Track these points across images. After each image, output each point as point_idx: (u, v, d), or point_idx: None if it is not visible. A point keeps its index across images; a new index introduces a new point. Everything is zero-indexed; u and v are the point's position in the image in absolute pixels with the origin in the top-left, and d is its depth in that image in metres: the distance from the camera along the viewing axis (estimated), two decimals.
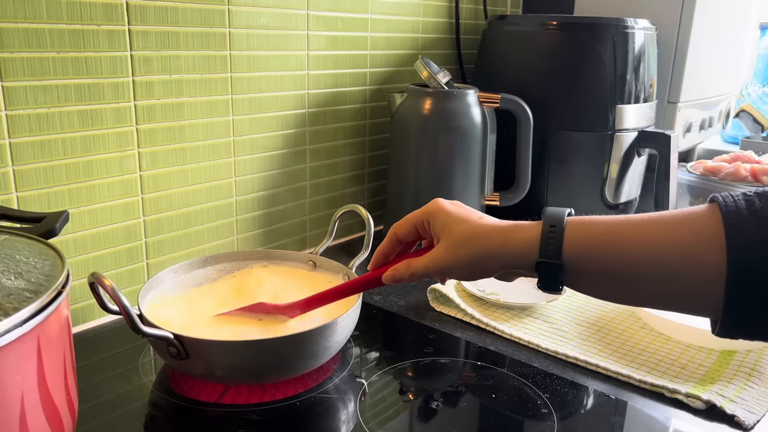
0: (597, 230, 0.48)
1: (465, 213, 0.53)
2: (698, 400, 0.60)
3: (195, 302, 0.68)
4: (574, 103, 1.03)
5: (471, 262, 0.51)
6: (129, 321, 0.53)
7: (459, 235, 0.52)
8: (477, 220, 0.52)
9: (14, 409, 0.37)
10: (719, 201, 0.44)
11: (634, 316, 0.78)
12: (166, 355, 0.58)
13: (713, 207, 0.44)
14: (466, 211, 0.54)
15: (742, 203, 0.43)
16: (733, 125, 1.61)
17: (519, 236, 0.50)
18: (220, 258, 0.76)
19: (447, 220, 0.53)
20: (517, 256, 0.49)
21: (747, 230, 0.42)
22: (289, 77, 0.91)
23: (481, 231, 0.51)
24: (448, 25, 1.19)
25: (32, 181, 0.68)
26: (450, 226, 0.52)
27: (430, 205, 0.55)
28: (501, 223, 0.52)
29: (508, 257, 0.50)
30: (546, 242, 0.48)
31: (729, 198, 0.44)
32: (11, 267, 0.42)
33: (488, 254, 0.50)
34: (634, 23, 1.02)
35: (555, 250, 0.47)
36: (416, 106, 0.95)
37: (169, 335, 0.56)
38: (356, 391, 0.62)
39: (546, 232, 0.48)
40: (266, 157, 0.91)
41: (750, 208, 0.42)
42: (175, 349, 0.56)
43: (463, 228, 0.52)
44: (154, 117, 0.77)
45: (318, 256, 0.76)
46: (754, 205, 0.43)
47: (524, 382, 0.64)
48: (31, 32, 0.64)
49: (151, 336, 0.55)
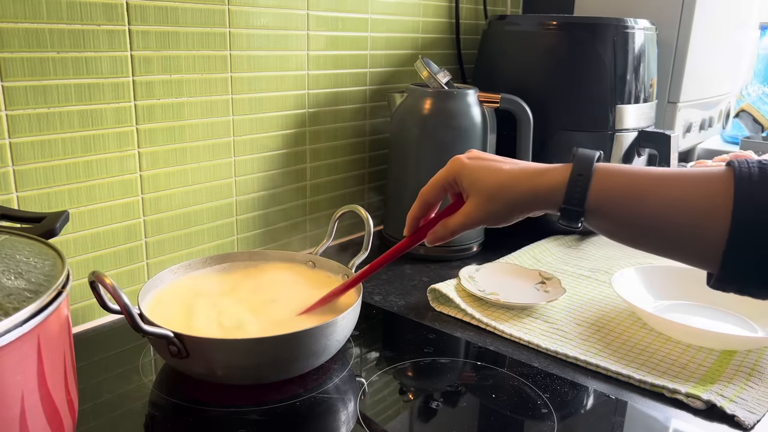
0: (620, 182, 0.51)
1: (487, 164, 0.56)
2: (698, 400, 0.60)
3: (195, 302, 0.68)
4: (574, 103, 1.03)
5: (504, 212, 0.55)
6: (129, 319, 0.53)
7: (487, 190, 0.55)
8: (501, 170, 0.55)
9: (14, 409, 0.37)
10: (734, 165, 0.47)
11: (634, 316, 0.78)
12: (166, 354, 0.58)
13: (729, 171, 0.47)
14: (487, 162, 0.56)
15: (755, 170, 0.46)
16: (733, 125, 1.61)
17: (546, 181, 0.53)
18: (220, 258, 0.76)
19: (473, 177, 0.56)
20: (544, 201, 0.53)
21: (754, 194, 0.45)
22: (289, 77, 0.91)
23: (508, 181, 0.54)
24: (448, 25, 1.19)
25: (32, 181, 0.68)
26: (477, 183, 0.55)
27: (452, 163, 0.58)
28: (525, 167, 0.55)
29: (538, 202, 0.53)
30: (572, 190, 0.51)
31: (744, 164, 0.46)
32: (11, 267, 0.42)
33: (518, 203, 0.54)
34: (634, 23, 1.02)
35: (579, 198, 0.51)
36: (416, 106, 0.95)
37: (170, 333, 0.56)
38: (356, 391, 0.62)
39: (573, 180, 0.51)
40: (266, 157, 0.91)
41: (762, 175, 0.45)
42: (176, 348, 0.56)
43: (490, 182, 0.55)
44: (154, 117, 0.77)
45: (317, 256, 0.76)
46: (766, 170, 0.45)
47: (524, 382, 0.64)
48: (31, 32, 0.64)
49: (152, 334, 0.55)
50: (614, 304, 0.82)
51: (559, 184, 0.52)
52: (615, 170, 0.51)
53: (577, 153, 0.52)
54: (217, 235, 0.88)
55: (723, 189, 0.46)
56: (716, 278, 0.47)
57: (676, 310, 0.79)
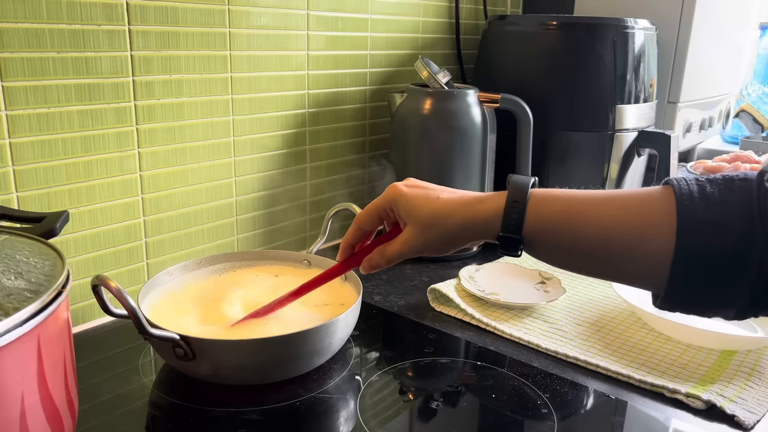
0: (556, 208, 0.50)
1: (425, 193, 0.55)
2: (698, 400, 0.60)
3: (194, 302, 0.68)
4: (574, 103, 1.03)
5: (440, 241, 0.54)
6: (137, 323, 0.52)
7: (424, 219, 0.54)
8: (438, 200, 0.54)
9: (14, 409, 0.37)
10: (673, 184, 0.46)
11: (634, 316, 0.78)
12: (171, 357, 0.58)
13: (667, 189, 0.47)
14: (425, 190, 0.56)
15: (694, 187, 0.46)
16: (733, 125, 1.61)
17: (482, 209, 0.52)
18: (216, 259, 0.76)
19: (409, 206, 0.55)
20: (481, 230, 0.53)
21: (697, 211, 0.44)
22: (289, 77, 0.91)
23: (445, 211, 0.54)
24: (448, 25, 1.19)
25: (32, 181, 0.68)
26: (414, 212, 0.55)
27: (389, 192, 0.57)
28: (462, 197, 0.54)
29: (474, 232, 0.53)
30: (508, 217, 0.50)
31: (683, 182, 0.46)
32: (11, 267, 0.42)
33: (455, 233, 0.53)
34: (634, 23, 1.02)
35: (516, 225, 0.50)
36: (416, 106, 0.95)
37: (176, 336, 0.55)
38: (356, 391, 0.62)
39: (509, 207, 0.51)
40: (266, 157, 0.91)
41: (701, 192, 0.45)
42: (182, 351, 0.56)
43: (427, 211, 0.54)
44: (154, 117, 0.77)
45: (312, 254, 0.77)
46: (705, 189, 0.45)
47: (524, 382, 0.64)
48: (31, 32, 0.64)
49: (158, 338, 0.55)
50: (614, 304, 0.82)
51: (495, 212, 0.51)
52: (551, 195, 0.51)
53: (512, 179, 0.52)
54: (217, 235, 0.88)
55: (664, 207, 0.46)
56: (663, 297, 0.47)
57: None
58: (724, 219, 0.44)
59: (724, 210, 0.44)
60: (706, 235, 0.44)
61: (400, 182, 0.57)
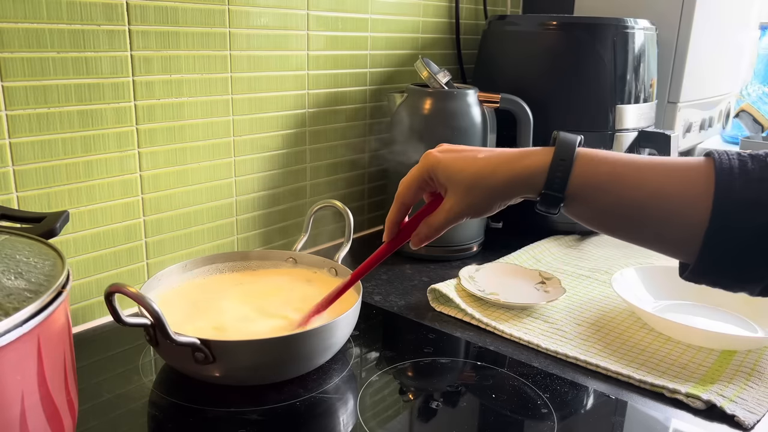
0: (603, 169, 0.50)
1: (462, 156, 0.54)
2: (698, 400, 0.60)
3: (194, 303, 0.68)
4: (574, 103, 1.03)
5: (484, 202, 0.53)
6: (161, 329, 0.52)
7: (466, 181, 0.53)
8: (476, 158, 0.53)
9: (14, 409, 0.37)
10: (715, 157, 0.46)
11: (634, 316, 0.78)
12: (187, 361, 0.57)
13: (709, 161, 0.47)
14: (461, 153, 0.55)
15: (735, 162, 0.46)
16: (733, 125, 1.61)
17: (526, 165, 0.51)
18: (205, 260, 0.76)
19: (449, 171, 0.54)
20: (524, 185, 0.51)
21: (735, 187, 0.44)
22: (289, 77, 0.91)
23: (485, 170, 0.52)
24: (448, 25, 1.19)
25: (32, 181, 0.68)
26: (454, 176, 0.53)
27: (425, 160, 0.55)
28: (503, 153, 0.53)
29: (518, 188, 0.52)
30: (553, 175, 0.50)
31: (725, 155, 0.46)
32: (11, 267, 0.42)
33: (498, 190, 0.52)
34: (634, 23, 1.02)
35: (560, 184, 0.49)
36: (416, 106, 0.95)
37: (196, 341, 0.55)
38: (356, 391, 0.62)
39: (555, 164, 0.50)
40: (266, 157, 0.91)
41: (742, 168, 0.45)
42: (202, 354, 0.55)
43: (467, 173, 0.53)
44: (154, 117, 0.77)
45: (297, 252, 0.78)
46: (746, 165, 0.45)
47: (524, 382, 0.64)
48: (31, 32, 0.64)
49: (181, 343, 0.54)
50: (614, 304, 0.82)
51: (540, 168, 0.50)
52: (597, 156, 0.50)
53: (559, 137, 0.51)
54: (216, 235, 0.88)
55: (703, 179, 0.46)
56: (692, 269, 0.47)
57: (676, 310, 0.79)
58: (761, 197, 0.44)
59: (762, 188, 0.44)
60: (741, 213, 0.44)
61: (433, 149, 0.56)
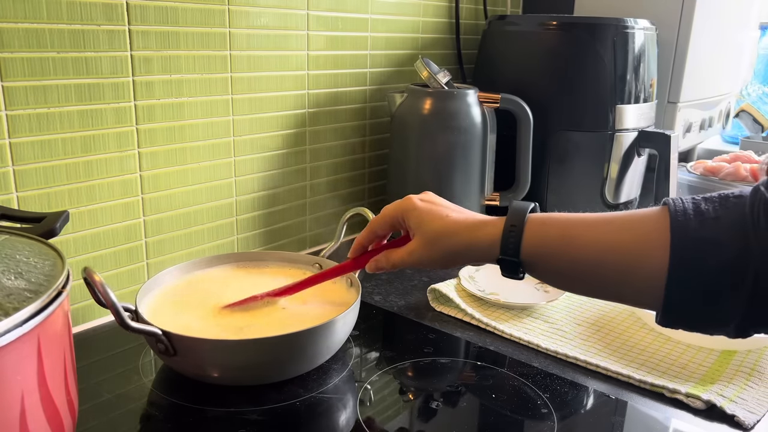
0: (553, 232, 0.52)
1: (435, 210, 0.58)
2: (698, 400, 0.60)
3: (196, 303, 0.68)
4: (574, 103, 1.03)
5: (442, 257, 0.57)
6: (117, 317, 0.53)
7: (431, 233, 0.57)
8: (446, 218, 0.57)
9: (14, 409, 0.37)
10: (669, 203, 0.47)
11: (634, 316, 0.78)
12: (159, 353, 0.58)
13: (663, 209, 0.47)
14: (436, 207, 0.59)
15: (689, 205, 0.46)
16: (733, 125, 1.61)
17: (483, 234, 0.55)
18: (225, 258, 0.76)
19: (419, 219, 0.58)
20: (481, 253, 0.55)
21: (690, 227, 0.45)
22: (289, 77, 0.91)
23: (450, 229, 0.56)
24: (448, 25, 1.19)
25: (32, 181, 0.68)
26: (423, 225, 0.58)
27: (404, 202, 0.60)
28: (468, 218, 0.57)
29: (474, 254, 0.56)
30: (506, 241, 0.53)
31: (678, 200, 0.47)
32: (11, 267, 0.42)
33: (457, 251, 0.56)
34: (634, 23, 1.02)
35: (514, 249, 0.52)
36: (416, 106, 0.95)
37: (157, 331, 0.56)
38: (356, 391, 0.62)
39: (507, 231, 0.53)
40: (266, 157, 0.91)
41: (696, 209, 0.46)
42: (163, 346, 0.57)
43: (434, 227, 0.57)
44: (154, 117, 0.77)
45: (324, 259, 0.76)
46: (699, 206, 0.46)
47: (524, 382, 0.64)
48: (31, 32, 0.64)
49: (138, 331, 0.55)
50: (614, 304, 0.82)
51: (495, 236, 0.53)
52: (549, 219, 0.52)
53: (512, 204, 0.54)
54: (217, 235, 0.88)
55: (659, 227, 0.46)
56: (662, 315, 0.47)
57: None
58: (718, 235, 0.44)
59: (718, 226, 0.44)
60: (699, 251, 0.44)
61: (415, 195, 0.60)
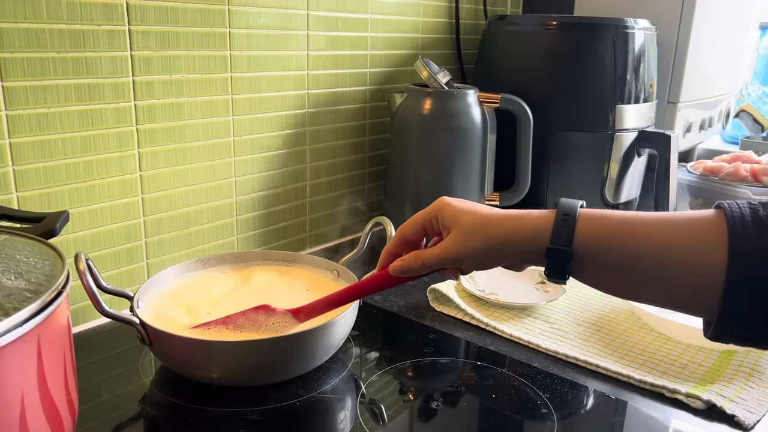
0: (608, 223, 0.48)
1: (472, 205, 0.55)
2: (698, 400, 0.60)
3: (197, 303, 0.68)
4: (574, 103, 1.03)
5: (483, 249, 0.52)
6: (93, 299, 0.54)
7: (469, 224, 0.52)
8: (485, 210, 0.53)
9: (14, 409, 0.37)
10: (725, 207, 0.45)
11: (634, 316, 0.78)
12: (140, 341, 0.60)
13: (719, 212, 0.45)
14: (472, 204, 0.55)
15: (746, 210, 0.44)
16: (733, 125, 1.61)
17: (530, 222, 0.50)
18: (236, 256, 0.76)
19: (455, 213, 0.53)
20: (528, 242, 0.50)
21: (750, 236, 0.43)
22: (289, 77, 0.91)
23: (491, 219, 0.52)
24: (448, 25, 1.19)
25: (32, 181, 0.68)
26: (459, 217, 0.53)
27: (437, 202, 0.56)
28: (510, 211, 0.53)
29: (520, 243, 0.51)
30: (559, 229, 0.48)
31: (734, 205, 0.45)
32: (11, 267, 0.42)
33: (500, 240, 0.51)
34: (634, 23, 1.02)
35: (567, 238, 0.48)
36: (416, 106, 0.95)
37: (135, 320, 0.58)
38: (356, 391, 0.62)
39: (559, 220, 0.49)
40: (266, 157, 0.91)
41: (754, 216, 0.43)
42: (140, 336, 0.59)
43: (473, 218, 0.52)
44: (154, 117, 0.77)
45: (342, 266, 0.74)
46: (758, 212, 0.44)
47: (524, 382, 0.64)
48: (31, 32, 0.64)
49: (114, 318, 0.57)
50: (614, 304, 0.82)
51: (544, 224, 0.49)
52: (601, 213, 0.50)
53: (560, 200, 0.50)
54: (217, 235, 0.88)
55: (716, 228, 0.44)
56: (715, 324, 0.45)
57: None
58: None
59: None
60: (761, 261, 0.42)
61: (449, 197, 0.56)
